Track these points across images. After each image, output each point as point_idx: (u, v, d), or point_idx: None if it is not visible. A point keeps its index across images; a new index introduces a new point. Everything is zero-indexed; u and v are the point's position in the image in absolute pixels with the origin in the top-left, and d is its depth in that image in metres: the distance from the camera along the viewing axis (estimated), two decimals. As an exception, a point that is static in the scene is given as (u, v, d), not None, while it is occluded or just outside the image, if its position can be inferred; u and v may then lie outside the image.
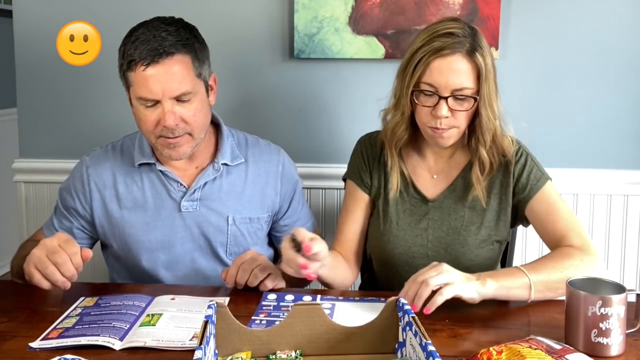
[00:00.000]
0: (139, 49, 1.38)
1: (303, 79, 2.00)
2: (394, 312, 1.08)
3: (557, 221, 1.42)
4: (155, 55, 1.38)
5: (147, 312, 1.26)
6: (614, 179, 2.01)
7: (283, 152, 1.66)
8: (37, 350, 1.11)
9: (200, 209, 1.54)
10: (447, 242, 1.49)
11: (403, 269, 1.50)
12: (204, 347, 0.92)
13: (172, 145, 1.45)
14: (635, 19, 1.94)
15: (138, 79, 1.40)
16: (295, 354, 1.06)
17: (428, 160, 1.54)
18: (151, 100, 1.40)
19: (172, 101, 1.40)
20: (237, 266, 1.36)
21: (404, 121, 1.45)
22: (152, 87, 1.39)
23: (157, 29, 1.41)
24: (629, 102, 1.98)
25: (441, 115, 1.37)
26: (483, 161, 1.45)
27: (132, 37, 1.41)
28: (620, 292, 1.09)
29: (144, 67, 1.38)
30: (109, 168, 1.56)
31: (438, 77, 1.36)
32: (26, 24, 2.03)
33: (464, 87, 1.37)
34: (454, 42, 1.36)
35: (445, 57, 1.36)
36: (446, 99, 1.37)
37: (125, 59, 1.41)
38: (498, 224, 1.49)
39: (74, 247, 1.27)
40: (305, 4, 1.93)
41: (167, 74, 1.39)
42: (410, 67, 1.39)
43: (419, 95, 1.40)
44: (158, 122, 1.42)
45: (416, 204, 1.52)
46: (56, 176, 2.02)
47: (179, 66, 1.40)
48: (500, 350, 1.01)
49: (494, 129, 1.43)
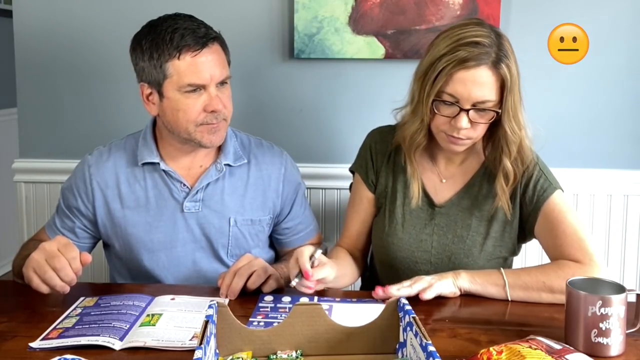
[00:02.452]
0: (184, 38, 1.41)
1: (303, 79, 2.00)
2: (395, 312, 1.08)
3: (558, 237, 1.37)
4: (202, 42, 1.42)
5: (147, 312, 1.26)
6: (614, 179, 2.01)
7: (286, 154, 1.66)
8: (37, 350, 1.11)
9: (202, 210, 1.54)
10: (451, 250, 1.46)
11: (405, 273, 1.47)
12: (204, 346, 0.92)
13: (213, 130, 1.47)
14: (635, 19, 1.94)
15: (186, 66, 1.41)
16: (296, 354, 1.06)
17: (439, 164, 1.51)
18: (199, 86, 1.43)
19: (215, 87, 1.45)
20: (232, 274, 1.35)
21: (423, 128, 1.41)
22: (202, 72, 1.42)
23: (185, 20, 1.45)
24: (629, 102, 1.98)
25: (461, 127, 1.33)
26: (507, 172, 1.41)
27: (162, 32, 1.42)
28: (620, 292, 1.09)
29: (194, 54, 1.41)
30: (111, 167, 1.55)
31: (461, 89, 1.31)
32: (26, 24, 2.03)
33: (487, 100, 1.32)
34: (480, 52, 1.30)
35: (469, 70, 1.30)
36: (467, 111, 1.33)
37: (167, 51, 1.41)
38: (504, 235, 1.46)
39: (72, 252, 1.27)
40: (305, 4, 1.93)
41: (214, 59, 1.44)
42: (432, 75, 1.33)
43: (438, 104, 1.35)
44: (202, 109, 1.44)
45: (424, 207, 1.50)
46: (56, 176, 2.02)
47: (220, 52, 1.47)
48: (500, 350, 1.01)
49: (519, 140, 1.39)
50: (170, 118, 1.47)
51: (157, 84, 1.45)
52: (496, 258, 1.47)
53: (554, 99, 1.98)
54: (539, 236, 1.44)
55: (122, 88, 2.00)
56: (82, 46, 2.02)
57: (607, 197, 2.02)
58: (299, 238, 1.66)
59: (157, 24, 1.45)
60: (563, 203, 1.41)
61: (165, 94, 1.45)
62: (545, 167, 1.46)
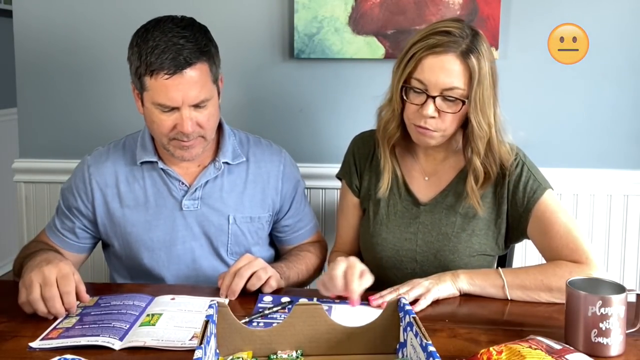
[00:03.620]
0: (160, 58, 1.36)
1: (303, 79, 2.00)
2: (395, 312, 1.08)
3: (552, 239, 1.37)
4: (178, 66, 1.37)
5: (147, 312, 1.26)
6: (614, 179, 2.01)
7: (285, 152, 1.66)
8: (37, 350, 1.11)
9: (201, 208, 1.54)
10: (436, 247, 1.47)
11: (392, 272, 1.49)
12: (204, 346, 0.92)
13: (185, 147, 1.45)
14: (635, 19, 1.94)
15: (158, 86, 1.39)
16: (296, 354, 1.06)
17: (420, 161, 1.52)
18: (169, 107, 1.41)
19: (189, 108, 1.41)
20: (231, 275, 1.35)
21: (394, 118, 1.43)
22: (173, 95, 1.39)
23: (174, 34, 1.39)
24: (629, 102, 1.98)
25: (427, 114, 1.35)
26: (477, 171, 1.41)
27: (149, 42, 1.38)
28: (620, 292, 1.09)
29: (166, 77, 1.37)
30: (110, 166, 1.55)
31: (428, 75, 1.34)
32: (26, 24, 2.03)
33: (454, 87, 1.34)
34: (449, 40, 1.33)
35: (438, 55, 1.33)
36: (434, 98, 1.34)
37: (144, 65, 1.38)
38: (488, 234, 1.46)
39: (68, 286, 1.22)
40: (305, 4, 1.93)
41: (188, 84, 1.39)
42: (403, 62, 1.37)
43: (408, 91, 1.38)
44: (174, 127, 1.42)
45: (408, 206, 1.50)
46: (56, 176, 2.02)
47: (198, 75, 1.40)
48: (500, 350, 1.01)
49: (486, 138, 1.39)
50: (148, 125, 1.49)
51: (140, 92, 1.45)
52: (482, 254, 1.47)
53: (554, 99, 1.98)
54: (532, 238, 1.44)
55: (122, 88, 2.00)
56: (82, 46, 2.02)
57: (607, 197, 2.02)
58: (299, 236, 1.67)
59: (149, 30, 1.41)
60: (554, 203, 1.41)
61: (144, 103, 1.45)
62: (533, 167, 1.46)
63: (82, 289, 1.25)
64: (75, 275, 1.25)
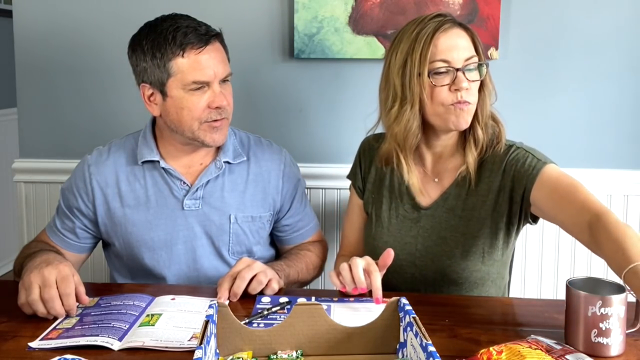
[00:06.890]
0: (187, 36, 1.42)
1: (303, 79, 2.00)
2: (395, 312, 1.08)
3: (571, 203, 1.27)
4: (204, 39, 1.43)
5: (147, 312, 1.26)
6: (614, 179, 2.01)
7: (285, 152, 1.66)
8: (36, 350, 1.11)
9: (202, 208, 1.54)
10: (433, 252, 1.46)
11: (392, 275, 1.45)
12: (204, 346, 0.92)
13: (217, 128, 1.48)
14: (635, 19, 1.94)
15: (190, 63, 1.43)
16: (296, 354, 1.06)
17: (426, 162, 1.50)
18: (203, 83, 1.44)
19: (218, 83, 1.46)
20: (231, 278, 1.34)
21: (414, 117, 1.40)
22: (206, 69, 1.44)
23: (183, 19, 1.46)
24: (629, 102, 1.98)
25: (462, 86, 1.36)
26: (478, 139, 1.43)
27: (163, 32, 1.43)
28: (620, 292, 1.09)
29: (198, 51, 1.43)
30: (111, 166, 1.55)
31: (448, 50, 1.37)
32: (26, 24, 2.03)
33: (472, 54, 1.39)
34: (445, 19, 1.39)
35: (447, 32, 1.37)
36: (461, 70, 1.37)
37: (170, 50, 1.42)
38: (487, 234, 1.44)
39: (68, 288, 1.22)
40: (305, 4, 1.93)
41: (216, 57, 1.46)
42: (416, 54, 1.37)
43: (435, 77, 1.37)
44: (207, 106, 1.45)
45: (409, 211, 1.50)
46: (56, 176, 2.02)
47: (221, 49, 1.49)
48: (500, 350, 1.01)
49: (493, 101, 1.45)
50: (174, 117, 1.47)
51: (159, 83, 1.45)
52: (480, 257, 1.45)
53: (553, 99, 1.98)
54: (544, 211, 1.36)
55: (122, 88, 2.00)
56: (82, 46, 2.02)
57: (607, 197, 2.02)
58: (299, 235, 1.67)
59: (157, 24, 1.45)
60: (558, 173, 1.37)
61: (169, 93, 1.45)
62: (531, 148, 1.45)
63: (82, 291, 1.26)
64: (75, 277, 1.25)
